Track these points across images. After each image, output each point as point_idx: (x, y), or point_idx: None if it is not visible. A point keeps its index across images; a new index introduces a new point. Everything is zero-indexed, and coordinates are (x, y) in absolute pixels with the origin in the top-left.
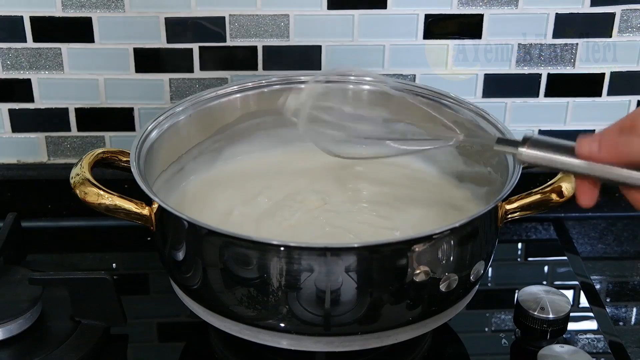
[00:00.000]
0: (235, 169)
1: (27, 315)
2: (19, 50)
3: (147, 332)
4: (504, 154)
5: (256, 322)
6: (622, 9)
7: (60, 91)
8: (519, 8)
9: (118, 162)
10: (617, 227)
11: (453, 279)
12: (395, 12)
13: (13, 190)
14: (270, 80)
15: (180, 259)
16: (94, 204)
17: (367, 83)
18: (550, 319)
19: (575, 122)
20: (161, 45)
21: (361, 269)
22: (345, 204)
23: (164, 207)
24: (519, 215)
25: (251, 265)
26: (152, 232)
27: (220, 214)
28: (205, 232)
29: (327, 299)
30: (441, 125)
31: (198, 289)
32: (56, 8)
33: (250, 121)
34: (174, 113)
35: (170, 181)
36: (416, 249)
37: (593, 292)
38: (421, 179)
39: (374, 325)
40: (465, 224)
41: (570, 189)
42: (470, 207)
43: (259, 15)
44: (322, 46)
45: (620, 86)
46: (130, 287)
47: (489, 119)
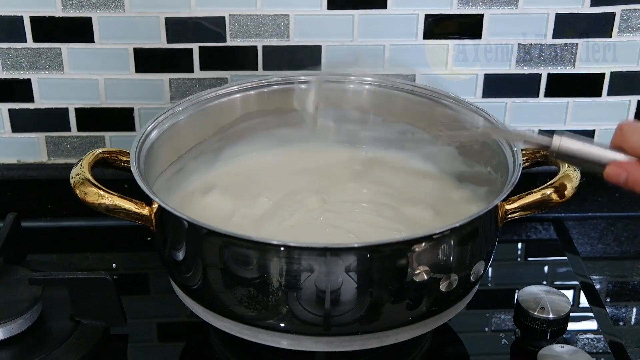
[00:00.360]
0: (235, 169)
1: (27, 315)
2: (19, 50)
3: (147, 332)
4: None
5: (256, 322)
6: (622, 9)
7: (60, 91)
8: (519, 8)
9: (118, 162)
10: (617, 227)
11: (453, 279)
12: (395, 12)
13: (13, 190)
14: (270, 80)
15: (180, 259)
16: (94, 204)
17: (367, 83)
18: (550, 319)
19: (576, 122)
20: (161, 45)
21: (361, 269)
22: (345, 204)
23: (164, 207)
24: (519, 215)
25: (251, 265)
26: (152, 232)
27: (220, 214)
28: (205, 232)
29: (327, 299)
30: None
31: (198, 289)
32: (56, 8)
33: (250, 121)
34: (174, 113)
35: (170, 181)
36: (416, 249)
37: (593, 292)
38: (421, 179)
39: (374, 325)
40: (465, 224)
41: (570, 188)
42: (470, 207)
43: (259, 15)
44: (322, 46)
45: (620, 86)
46: (130, 287)
47: (489, 119)
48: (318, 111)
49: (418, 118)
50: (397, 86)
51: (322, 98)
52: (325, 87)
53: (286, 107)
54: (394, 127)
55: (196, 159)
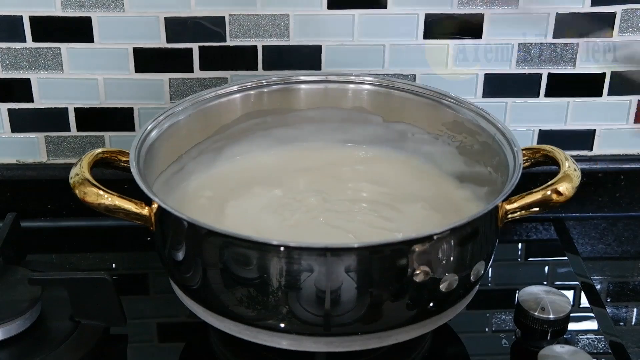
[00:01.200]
0: (235, 168)
1: (26, 315)
2: (18, 50)
3: (147, 332)
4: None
5: (256, 323)
6: (622, 9)
7: (60, 91)
8: (519, 8)
9: (118, 162)
10: (618, 227)
11: (453, 279)
12: (395, 12)
13: (13, 190)
14: (270, 80)
15: (180, 259)
16: (93, 204)
17: (367, 83)
18: (551, 319)
19: (576, 121)
20: (161, 45)
21: (361, 269)
22: (345, 204)
23: (163, 207)
24: (519, 215)
25: (251, 266)
26: (152, 232)
27: (220, 214)
28: (205, 232)
29: (327, 299)
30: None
31: (198, 289)
32: (56, 8)
33: (250, 121)
34: (173, 113)
35: (170, 181)
36: (416, 249)
37: (594, 293)
38: (421, 179)
39: (374, 325)
40: (465, 224)
41: (571, 188)
42: (470, 207)
43: (259, 15)
44: (322, 46)
45: (620, 86)
46: (130, 287)
47: (489, 119)
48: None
49: (418, 118)
50: (397, 86)
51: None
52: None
53: (286, 106)
54: (394, 127)
55: (196, 159)
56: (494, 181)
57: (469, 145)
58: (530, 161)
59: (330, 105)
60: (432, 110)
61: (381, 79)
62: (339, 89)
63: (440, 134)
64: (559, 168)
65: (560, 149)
